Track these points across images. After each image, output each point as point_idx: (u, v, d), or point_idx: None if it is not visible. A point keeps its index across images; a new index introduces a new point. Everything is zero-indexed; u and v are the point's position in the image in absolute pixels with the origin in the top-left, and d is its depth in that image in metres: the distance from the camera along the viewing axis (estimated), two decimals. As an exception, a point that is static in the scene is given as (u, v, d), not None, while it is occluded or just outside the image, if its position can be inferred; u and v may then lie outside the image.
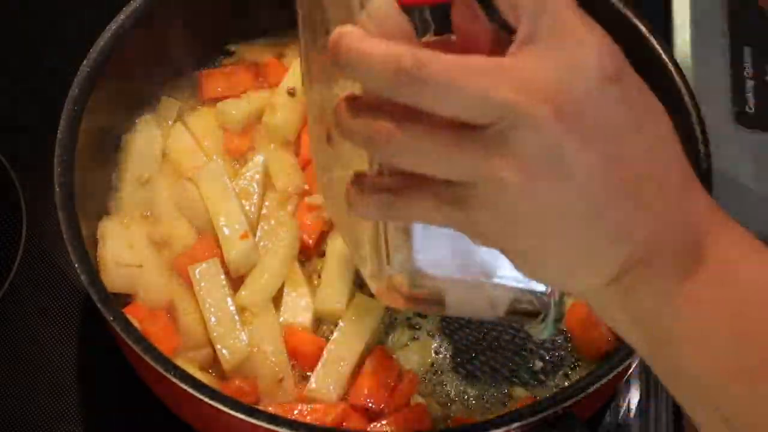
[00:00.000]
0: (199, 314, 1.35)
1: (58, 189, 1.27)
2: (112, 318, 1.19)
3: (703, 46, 1.65)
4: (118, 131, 1.46)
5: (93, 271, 1.22)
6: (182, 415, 1.32)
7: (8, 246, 1.52)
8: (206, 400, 1.14)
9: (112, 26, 1.38)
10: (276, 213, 1.44)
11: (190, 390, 1.14)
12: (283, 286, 1.40)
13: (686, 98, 1.34)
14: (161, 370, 1.15)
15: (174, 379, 1.15)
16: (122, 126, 1.47)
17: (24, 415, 1.41)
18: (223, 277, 1.37)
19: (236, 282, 1.39)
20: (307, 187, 1.46)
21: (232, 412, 1.13)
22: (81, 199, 1.29)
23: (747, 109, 1.60)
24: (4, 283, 1.49)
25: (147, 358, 1.16)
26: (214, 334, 1.33)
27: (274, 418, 1.14)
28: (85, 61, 1.36)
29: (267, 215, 1.44)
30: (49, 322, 1.47)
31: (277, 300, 1.39)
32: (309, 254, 1.44)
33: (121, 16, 1.39)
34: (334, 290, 1.39)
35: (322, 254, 1.43)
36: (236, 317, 1.34)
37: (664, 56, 1.37)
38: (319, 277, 1.42)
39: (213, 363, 1.34)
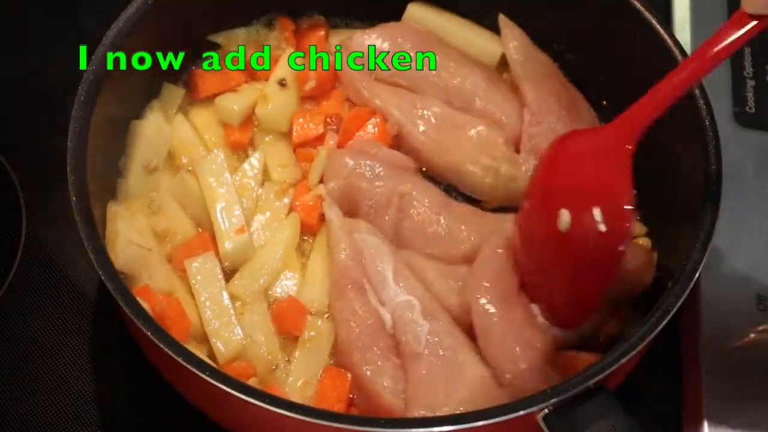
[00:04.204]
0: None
1: (70, 159, 1.26)
2: (123, 302, 1.19)
3: (703, 46, 1.65)
4: (128, 116, 1.46)
5: (103, 250, 1.22)
6: (203, 406, 1.32)
7: (8, 246, 1.53)
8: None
9: (119, 23, 1.39)
10: (272, 204, 1.45)
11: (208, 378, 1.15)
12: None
13: (700, 101, 1.35)
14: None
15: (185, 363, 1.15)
16: (132, 111, 1.47)
17: (23, 413, 1.41)
18: (218, 271, 1.37)
19: (232, 276, 1.40)
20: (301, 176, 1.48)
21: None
22: (89, 178, 1.29)
23: (747, 109, 1.60)
24: (3, 283, 1.49)
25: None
26: (210, 327, 1.34)
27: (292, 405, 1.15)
28: (99, 46, 1.36)
29: (263, 207, 1.45)
30: (48, 321, 1.47)
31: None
32: (313, 232, 1.45)
33: (128, 12, 1.40)
34: (315, 288, 1.40)
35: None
36: (231, 311, 1.35)
37: (679, 58, 1.38)
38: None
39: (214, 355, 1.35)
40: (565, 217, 1.24)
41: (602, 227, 1.20)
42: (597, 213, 1.22)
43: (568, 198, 1.26)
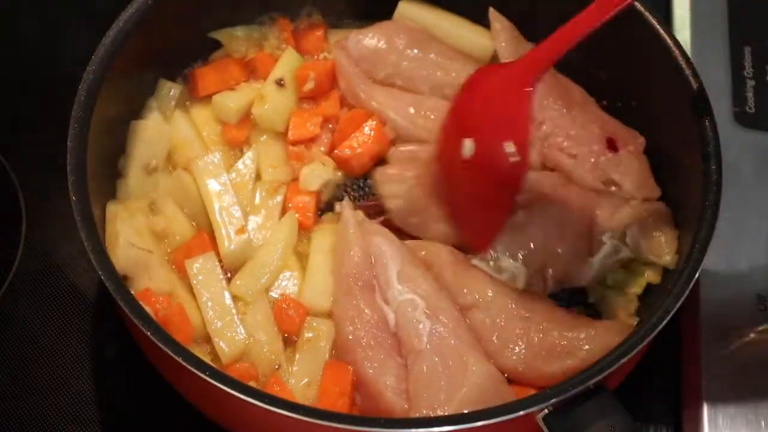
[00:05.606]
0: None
1: (70, 159, 1.27)
2: (123, 302, 1.19)
3: (703, 46, 1.65)
4: (128, 116, 1.46)
5: (103, 250, 1.22)
6: (206, 407, 1.32)
7: (8, 246, 1.53)
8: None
9: (119, 23, 1.39)
10: (266, 203, 1.45)
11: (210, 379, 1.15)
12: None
13: (700, 101, 1.35)
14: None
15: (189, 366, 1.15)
16: (132, 111, 1.47)
17: (23, 413, 1.41)
18: (219, 271, 1.38)
19: (233, 276, 1.40)
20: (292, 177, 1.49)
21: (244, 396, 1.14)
22: (89, 178, 1.29)
23: (747, 109, 1.60)
24: (3, 283, 1.49)
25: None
26: (212, 327, 1.34)
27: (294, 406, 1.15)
28: (99, 45, 1.36)
29: (258, 206, 1.45)
30: (48, 321, 1.47)
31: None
32: (309, 230, 1.46)
33: (128, 12, 1.40)
34: (316, 289, 1.40)
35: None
36: (233, 311, 1.35)
37: (679, 58, 1.38)
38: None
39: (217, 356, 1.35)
40: (468, 144, 1.34)
41: (503, 155, 1.30)
42: (502, 144, 1.31)
43: (472, 128, 1.36)
